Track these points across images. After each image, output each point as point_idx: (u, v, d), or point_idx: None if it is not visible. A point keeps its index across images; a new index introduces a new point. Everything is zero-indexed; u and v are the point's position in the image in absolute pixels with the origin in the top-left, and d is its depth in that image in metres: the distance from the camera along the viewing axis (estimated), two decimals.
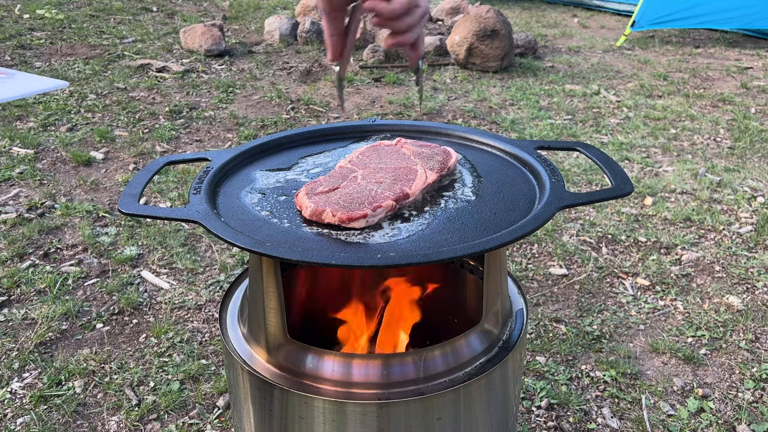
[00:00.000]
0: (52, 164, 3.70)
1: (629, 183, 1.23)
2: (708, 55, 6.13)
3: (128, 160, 3.77)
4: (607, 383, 2.24)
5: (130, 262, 2.85)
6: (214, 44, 5.64)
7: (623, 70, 5.65)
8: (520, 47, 5.89)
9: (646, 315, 2.58)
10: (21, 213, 3.17)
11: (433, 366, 1.19)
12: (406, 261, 1.04)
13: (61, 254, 2.90)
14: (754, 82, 5.31)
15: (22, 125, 4.16)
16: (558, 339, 2.44)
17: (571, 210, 3.28)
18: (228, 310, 1.39)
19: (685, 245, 3.02)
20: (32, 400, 2.13)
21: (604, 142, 4.12)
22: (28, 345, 2.36)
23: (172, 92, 4.84)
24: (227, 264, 2.84)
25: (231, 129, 4.25)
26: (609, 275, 2.82)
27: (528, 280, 2.78)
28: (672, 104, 4.80)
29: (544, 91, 5.07)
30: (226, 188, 1.30)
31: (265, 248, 1.04)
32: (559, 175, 1.27)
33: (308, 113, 4.54)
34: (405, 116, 4.49)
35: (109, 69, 5.26)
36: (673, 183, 3.58)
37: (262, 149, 1.45)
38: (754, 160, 3.93)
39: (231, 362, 1.27)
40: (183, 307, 2.59)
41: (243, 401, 1.28)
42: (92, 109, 4.46)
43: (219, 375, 2.25)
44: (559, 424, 2.08)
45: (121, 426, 2.06)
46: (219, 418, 2.09)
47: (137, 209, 1.19)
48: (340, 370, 1.18)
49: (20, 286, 2.67)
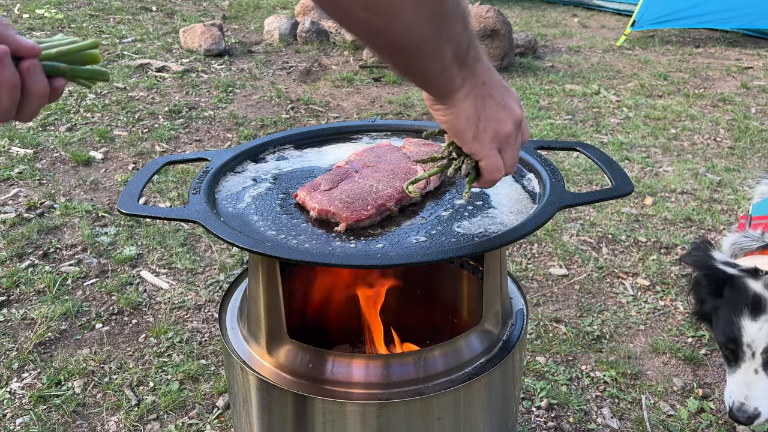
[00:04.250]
0: (51, 164, 3.70)
1: (629, 183, 1.23)
2: (708, 55, 6.13)
3: (127, 159, 3.77)
4: (607, 383, 2.24)
5: (129, 262, 2.85)
6: (214, 44, 5.64)
7: (623, 69, 5.65)
8: (520, 47, 5.89)
9: (646, 315, 2.58)
10: (20, 213, 3.17)
11: (433, 366, 1.18)
12: (406, 261, 1.04)
13: (60, 254, 2.89)
14: (754, 82, 5.31)
15: (22, 125, 4.15)
16: (558, 339, 2.44)
17: (571, 210, 3.27)
18: (228, 310, 1.39)
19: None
20: (31, 400, 2.13)
21: (604, 142, 4.12)
22: (28, 345, 2.35)
23: (172, 92, 4.84)
24: (227, 264, 2.84)
25: (230, 129, 4.24)
26: (609, 275, 2.82)
27: (528, 280, 2.78)
28: (672, 104, 4.80)
29: (544, 90, 5.06)
30: (226, 188, 1.29)
31: (264, 248, 1.04)
32: (559, 175, 1.26)
33: (308, 113, 4.54)
34: (405, 116, 4.49)
35: (108, 68, 5.25)
36: (673, 183, 3.57)
37: (261, 149, 1.44)
38: (754, 160, 3.92)
39: (230, 362, 1.27)
40: (182, 307, 2.59)
41: (243, 401, 1.28)
42: (91, 109, 4.45)
43: (219, 375, 2.25)
44: (559, 424, 2.08)
45: (121, 426, 2.06)
46: (219, 418, 2.09)
47: (137, 209, 1.19)
48: (339, 370, 1.18)
49: (19, 286, 2.66)
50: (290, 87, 5.02)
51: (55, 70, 0.85)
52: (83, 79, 0.89)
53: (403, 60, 0.88)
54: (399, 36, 0.81)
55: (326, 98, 4.79)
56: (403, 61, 0.88)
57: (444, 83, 0.91)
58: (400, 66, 0.90)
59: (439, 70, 0.88)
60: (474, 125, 0.95)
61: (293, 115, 4.50)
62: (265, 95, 4.82)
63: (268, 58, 5.70)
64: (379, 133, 1.55)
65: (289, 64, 5.55)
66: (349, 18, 0.80)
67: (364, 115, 4.50)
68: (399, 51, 0.85)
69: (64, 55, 0.86)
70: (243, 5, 7.57)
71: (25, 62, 0.80)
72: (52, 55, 0.85)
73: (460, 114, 0.94)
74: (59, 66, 0.85)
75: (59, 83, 0.85)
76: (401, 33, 0.81)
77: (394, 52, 0.86)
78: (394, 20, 0.78)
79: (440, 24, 0.83)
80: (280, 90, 4.89)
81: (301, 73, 5.28)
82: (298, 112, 4.55)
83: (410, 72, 0.90)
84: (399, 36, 0.81)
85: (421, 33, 0.82)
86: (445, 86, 0.91)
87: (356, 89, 5.00)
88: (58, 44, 0.87)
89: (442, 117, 0.96)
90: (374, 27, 0.79)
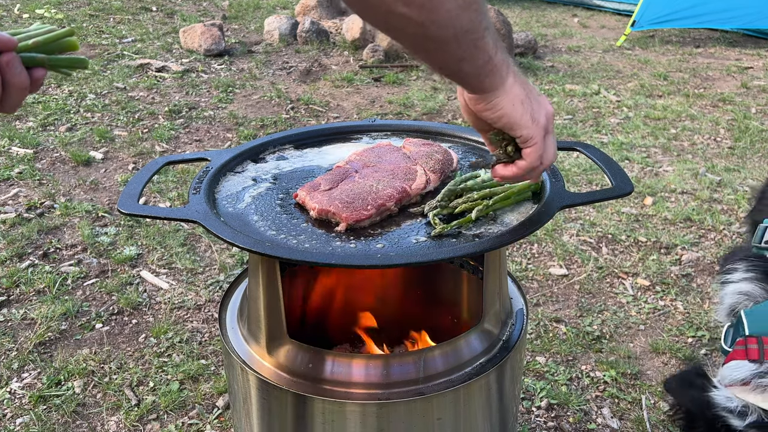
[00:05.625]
0: (51, 164, 3.70)
1: (629, 183, 1.23)
2: (708, 55, 6.13)
3: (127, 159, 3.77)
4: (607, 383, 2.24)
5: (129, 262, 2.85)
6: (214, 44, 5.64)
7: (623, 69, 5.65)
8: (520, 47, 5.88)
9: (646, 315, 2.58)
10: (20, 213, 3.17)
11: (433, 366, 1.18)
12: (406, 261, 1.04)
13: (60, 254, 2.89)
14: (754, 82, 5.31)
15: (22, 125, 4.15)
16: (558, 339, 2.44)
17: (571, 210, 3.27)
18: (228, 310, 1.39)
19: (686, 245, 3.02)
20: (31, 400, 2.13)
21: (604, 142, 4.12)
22: (28, 345, 2.35)
23: (172, 92, 4.84)
24: (227, 264, 2.84)
25: (230, 129, 4.24)
26: (609, 275, 2.82)
27: (528, 280, 2.78)
28: (672, 104, 4.79)
29: (544, 90, 5.06)
30: (226, 188, 1.29)
31: (264, 248, 1.04)
32: (559, 175, 1.26)
33: (308, 113, 4.54)
34: (405, 116, 4.49)
35: (108, 69, 5.25)
36: (673, 183, 3.57)
37: (261, 149, 1.44)
38: (754, 159, 3.92)
39: (230, 362, 1.27)
40: (182, 307, 2.59)
41: (243, 401, 1.28)
42: (91, 109, 4.45)
43: (218, 375, 2.25)
44: (559, 424, 2.08)
45: (121, 426, 2.06)
46: (219, 418, 2.09)
47: (137, 209, 1.19)
48: (339, 370, 1.17)
49: (19, 286, 2.66)
50: (290, 87, 5.02)
51: (34, 61, 0.85)
52: (63, 67, 0.89)
53: (449, 54, 0.84)
54: (443, 27, 0.79)
55: (326, 98, 4.79)
56: (450, 56, 0.85)
57: (492, 72, 0.89)
58: (447, 61, 0.86)
59: (486, 60, 0.87)
60: (529, 107, 0.94)
61: (293, 115, 4.50)
62: (265, 95, 4.82)
63: (268, 58, 5.69)
64: (379, 133, 1.55)
65: (289, 64, 5.55)
66: (388, 15, 0.77)
67: (364, 115, 4.50)
68: (445, 44, 0.82)
69: (41, 45, 0.86)
70: (243, 5, 7.57)
71: (3, 57, 0.80)
72: (29, 46, 0.84)
73: (514, 100, 0.92)
74: (37, 57, 0.85)
75: (39, 74, 0.85)
76: (444, 23, 0.78)
77: (440, 47, 0.83)
78: (435, 11, 0.77)
79: (478, 11, 0.82)
80: (280, 90, 4.89)
81: (301, 73, 5.28)
82: (298, 112, 4.55)
83: (457, 68, 0.87)
84: (443, 27, 0.79)
85: (463, 21, 0.80)
86: (494, 76, 0.89)
87: (356, 89, 5.00)
88: (34, 34, 0.87)
89: (497, 110, 0.93)
90: (416, 21, 0.77)
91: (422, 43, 0.83)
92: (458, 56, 0.85)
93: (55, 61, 0.87)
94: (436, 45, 0.82)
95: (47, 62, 0.86)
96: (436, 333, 1.54)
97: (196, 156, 1.42)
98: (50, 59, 0.86)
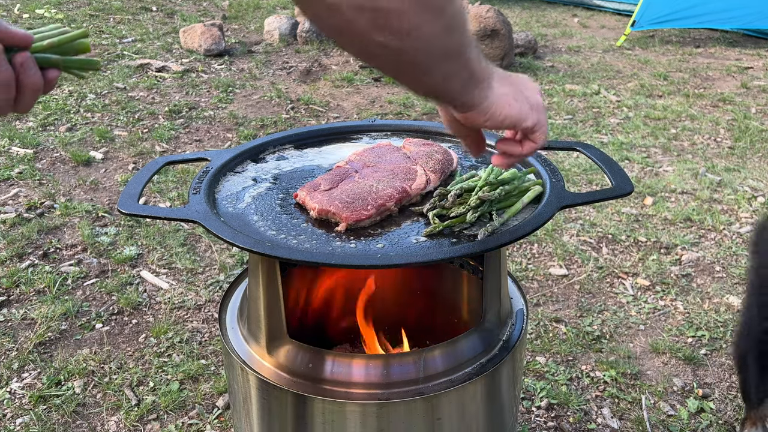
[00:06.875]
0: (51, 164, 3.70)
1: (629, 183, 1.23)
2: (708, 55, 6.13)
3: (127, 159, 3.77)
4: (607, 383, 2.24)
5: (129, 262, 2.85)
6: (214, 44, 5.64)
7: (623, 69, 5.65)
8: (520, 47, 5.88)
9: (646, 315, 2.58)
10: (20, 213, 3.17)
11: (433, 366, 1.18)
12: (406, 261, 1.04)
13: (60, 254, 2.89)
14: (754, 82, 5.31)
15: (22, 125, 4.15)
16: (558, 339, 2.44)
17: (571, 210, 3.27)
18: (228, 310, 1.39)
19: (686, 245, 3.02)
20: (32, 400, 2.13)
21: (604, 142, 4.12)
22: (28, 345, 2.35)
23: (172, 92, 4.84)
24: (227, 264, 2.84)
25: (230, 129, 4.24)
26: (609, 275, 2.82)
27: (528, 280, 2.78)
28: (672, 104, 4.79)
29: (544, 90, 5.06)
30: (226, 188, 1.29)
31: (264, 248, 1.04)
32: (559, 175, 1.26)
33: (308, 113, 4.54)
34: (405, 116, 4.49)
35: (108, 69, 5.25)
36: (673, 183, 3.57)
37: (261, 149, 1.44)
38: (754, 159, 3.92)
39: (230, 362, 1.27)
40: (182, 307, 2.59)
41: (243, 401, 1.28)
42: (91, 109, 4.45)
43: (218, 375, 2.25)
44: (559, 424, 2.08)
45: (121, 426, 2.06)
46: (219, 418, 2.09)
47: (137, 209, 1.19)
48: (339, 370, 1.17)
49: (19, 286, 2.66)
50: (290, 87, 5.02)
51: (48, 61, 0.85)
52: (76, 69, 0.89)
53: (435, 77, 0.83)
54: (423, 52, 0.78)
55: (326, 98, 4.79)
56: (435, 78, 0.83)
57: (480, 83, 0.88)
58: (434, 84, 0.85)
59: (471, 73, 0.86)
60: (522, 97, 0.95)
61: (293, 115, 4.50)
62: (265, 95, 4.82)
63: (268, 58, 5.69)
64: (379, 133, 1.56)
65: (289, 64, 5.55)
66: (366, 44, 0.76)
67: (364, 115, 4.50)
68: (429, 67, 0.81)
69: (55, 46, 0.86)
70: (243, 5, 7.57)
71: (18, 57, 0.80)
72: (43, 47, 0.85)
73: (508, 99, 0.93)
74: (52, 57, 0.85)
75: (53, 75, 0.85)
76: (425, 48, 0.77)
77: (425, 71, 0.82)
78: (414, 37, 0.75)
79: (459, 30, 0.81)
80: (280, 90, 4.89)
81: (301, 73, 5.28)
82: (298, 112, 4.55)
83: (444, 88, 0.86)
84: (423, 52, 0.78)
85: (446, 43, 0.79)
86: (482, 85, 0.89)
87: (356, 89, 5.00)
88: (48, 35, 0.87)
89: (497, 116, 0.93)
90: (395, 48, 0.76)
91: (405, 69, 0.82)
92: (444, 76, 0.84)
93: (69, 62, 0.87)
94: (420, 69, 0.81)
95: (62, 64, 0.86)
96: (436, 333, 1.54)
97: (196, 156, 1.42)
98: (65, 60, 0.86)
